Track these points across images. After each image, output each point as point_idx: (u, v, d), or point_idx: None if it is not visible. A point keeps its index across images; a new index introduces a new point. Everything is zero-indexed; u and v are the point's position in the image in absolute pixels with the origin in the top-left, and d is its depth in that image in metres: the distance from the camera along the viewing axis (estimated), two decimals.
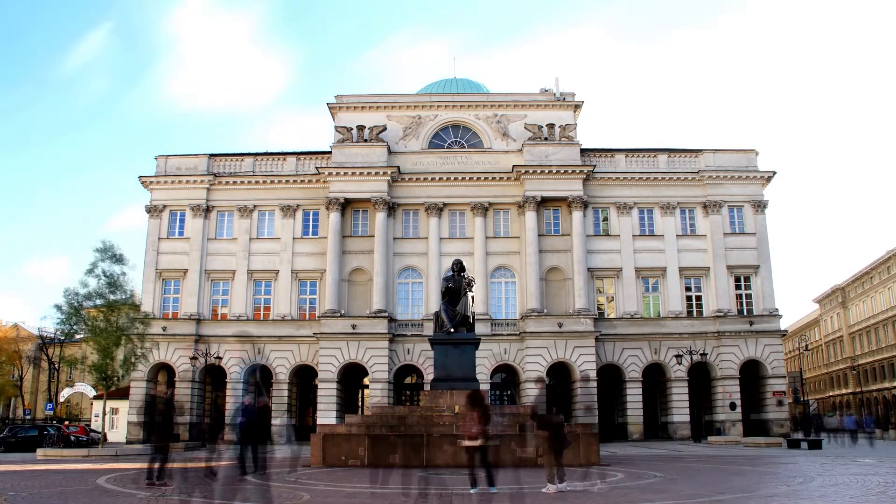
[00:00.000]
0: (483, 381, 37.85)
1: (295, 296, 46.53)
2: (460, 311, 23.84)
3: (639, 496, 12.90)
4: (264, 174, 48.23)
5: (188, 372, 44.21)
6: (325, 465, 20.07)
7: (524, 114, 48.47)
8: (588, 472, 17.62)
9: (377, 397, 43.36)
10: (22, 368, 71.42)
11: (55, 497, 12.90)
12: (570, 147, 46.93)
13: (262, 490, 14.23)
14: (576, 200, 45.85)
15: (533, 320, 44.19)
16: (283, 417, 44.76)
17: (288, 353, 45.42)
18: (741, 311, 45.86)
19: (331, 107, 49.06)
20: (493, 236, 46.80)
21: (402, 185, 47.09)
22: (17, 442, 37.32)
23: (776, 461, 22.55)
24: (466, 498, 12.55)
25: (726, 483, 15.25)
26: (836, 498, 12.15)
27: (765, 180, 47.80)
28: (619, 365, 45.03)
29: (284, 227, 47.35)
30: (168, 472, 15.12)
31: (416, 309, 46.15)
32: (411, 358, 44.65)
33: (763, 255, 46.44)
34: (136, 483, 15.61)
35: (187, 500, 12.50)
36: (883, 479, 15.37)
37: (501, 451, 20.13)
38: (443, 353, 23.87)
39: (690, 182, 47.51)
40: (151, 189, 48.26)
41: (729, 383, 44.66)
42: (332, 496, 13.00)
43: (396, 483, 15.40)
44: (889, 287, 68.91)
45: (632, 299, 45.78)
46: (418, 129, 48.59)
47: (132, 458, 27.45)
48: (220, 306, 47.03)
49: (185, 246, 47.22)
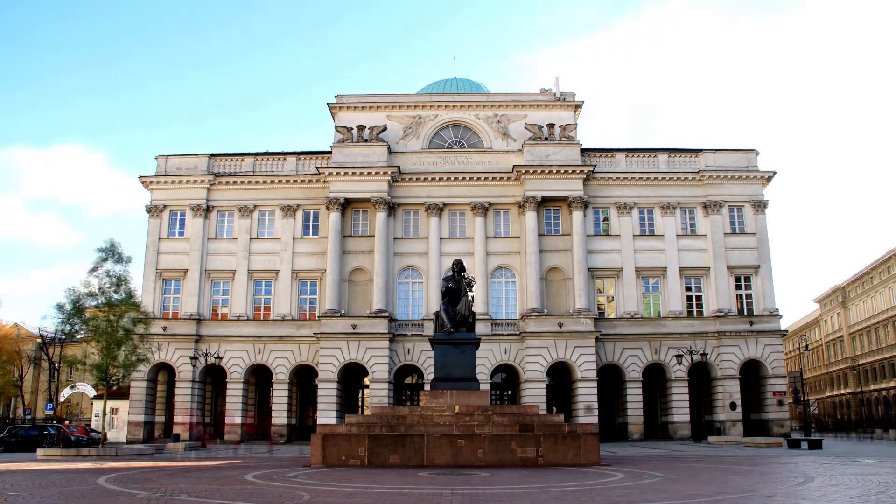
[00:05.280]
0: (483, 381, 37.88)
1: (295, 296, 46.54)
2: (460, 311, 23.82)
3: (639, 496, 12.88)
4: (264, 174, 48.24)
5: (188, 372, 44.26)
6: (325, 465, 20.06)
7: (524, 114, 48.47)
8: (588, 472, 17.61)
9: (377, 397, 43.36)
10: (22, 368, 71.42)
11: (55, 497, 12.88)
12: (571, 147, 46.93)
13: (262, 490, 14.22)
14: (576, 200, 45.84)
15: (533, 320, 44.18)
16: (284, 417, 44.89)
17: (288, 353, 45.43)
18: (741, 311, 45.86)
19: (331, 107, 49.06)
20: (493, 236, 46.80)
21: (403, 185, 47.08)
22: (18, 442, 37.25)
23: (776, 461, 22.53)
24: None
25: (726, 483, 15.23)
26: (837, 498, 12.14)
27: (765, 180, 47.80)
28: (619, 365, 45.03)
29: (285, 226, 47.35)
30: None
31: (416, 309, 46.15)
32: (411, 358, 44.65)
33: (763, 255, 46.44)
34: (136, 483, 15.60)
35: (187, 499, 12.49)
36: (883, 479, 15.35)
37: (501, 450, 20.16)
38: (443, 353, 23.85)
39: (690, 182, 47.51)
40: (151, 189, 48.28)
41: (729, 383, 44.65)
42: (332, 496, 12.98)
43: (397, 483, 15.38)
44: (889, 287, 68.89)
45: (632, 299, 45.77)
46: (418, 129, 48.58)
47: (132, 457, 27.43)
48: (220, 306, 47.05)
49: (185, 246, 47.24)
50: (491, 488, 14.01)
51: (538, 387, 43.41)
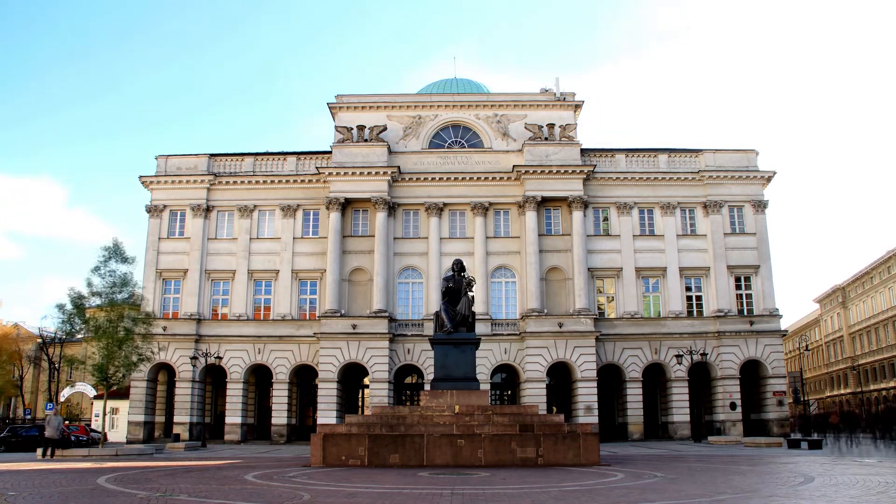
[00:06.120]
0: (483, 381, 37.89)
1: (295, 296, 46.54)
2: (460, 311, 23.83)
3: (639, 496, 12.88)
4: (264, 174, 48.24)
5: (188, 372, 44.26)
6: (325, 465, 20.07)
7: (524, 114, 48.47)
8: (588, 472, 17.61)
9: (377, 397, 43.36)
10: (22, 368, 71.41)
11: (55, 497, 12.88)
12: (571, 147, 46.93)
13: (262, 490, 14.22)
14: (576, 200, 45.84)
15: (533, 320, 44.18)
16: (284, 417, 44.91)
17: (288, 353, 45.43)
18: (741, 311, 45.86)
19: (331, 107, 49.06)
20: (493, 236, 46.80)
21: (403, 184, 47.08)
22: (18, 442, 37.26)
23: (776, 461, 22.53)
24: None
25: (726, 483, 15.23)
26: (837, 498, 12.14)
27: (765, 180, 47.80)
28: (619, 365, 45.03)
29: (285, 226, 47.35)
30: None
31: (416, 309, 46.16)
32: (411, 358, 44.65)
33: (763, 255, 46.44)
34: (136, 483, 15.61)
35: (187, 499, 12.49)
36: (884, 479, 15.35)
37: (501, 450, 20.16)
38: (443, 353, 23.86)
39: (690, 182, 47.51)
40: (151, 189, 48.28)
41: (729, 383, 44.65)
42: (332, 496, 12.98)
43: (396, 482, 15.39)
44: (889, 287, 68.90)
45: (632, 299, 45.77)
46: (419, 129, 48.57)
47: (132, 457, 27.43)
48: (220, 306, 47.05)
49: (185, 246, 47.25)
50: (491, 488, 14.01)
51: (538, 387, 43.42)
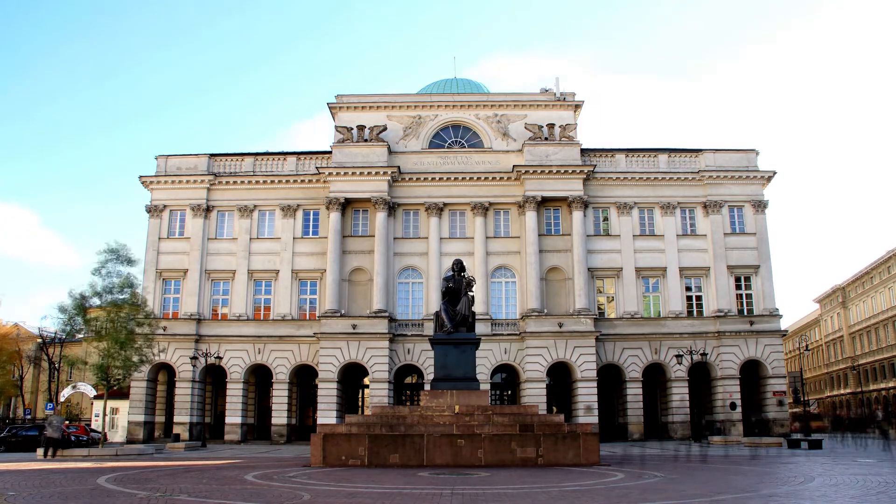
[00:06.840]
0: (483, 381, 37.89)
1: (295, 296, 46.54)
2: (460, 311, 23.82)
3: (639, 496, 12.87)
4: (264, 174, 48.24)
5: (188, 372, 44.26)
6: (325, 465, 20.06)
7: (524, 114, 48.48)
8: (588, 472, 17.60)
9: (377, 397, 43.36)
10: (22, 368, 71.38)
11: (55, 497, 12.87)
12: (571, 147, 46.93)
13: (262, 490, 14.22)
14: (576, 200, 45.84)
15: (533, 320, 44.18)
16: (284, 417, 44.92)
17: (288, 353, 45.44)
18: (741, 311, 45.86)
19: (331, 107, 49.07)
20: (493, 236, 46.80)
21: (403, 184, 47.08)
22: (18, 442, 37.27)
23: (776, 461, 22.54)
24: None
25: (726, 483, 15.23)
26: (837, 498, 12.14)
27: (765, 180, 47.80)
28: (619, 365, 45.04)
29: (285, 226, 47.36)
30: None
31: (416, 309, 46.16)
32: (411, 358, 44.66)
33: (763, 255, 46.44)
34: (136, 483, 15.60)
35: (187, 499, 12.48)
36: (883, 479, 15.35)
37: (501, 450, 20.15)
38: (443, 353, 23.85)
39: (690, 182, 47.52)
40: (151, 189, 48.29)
41: (729, 383, 44.65)
42: (332, 496, 12.98)
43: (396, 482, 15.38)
44: (889, 287, 68.89)
45: (632, 299, 45.78)
46: (419, 129, 48.58)
47: (132, 457, 27.42)
48: (220, 306, 47.06)
49: (185, 246, 47.25)
50: (491, 488, 14.01)
51: (538, 387, 43.42)
